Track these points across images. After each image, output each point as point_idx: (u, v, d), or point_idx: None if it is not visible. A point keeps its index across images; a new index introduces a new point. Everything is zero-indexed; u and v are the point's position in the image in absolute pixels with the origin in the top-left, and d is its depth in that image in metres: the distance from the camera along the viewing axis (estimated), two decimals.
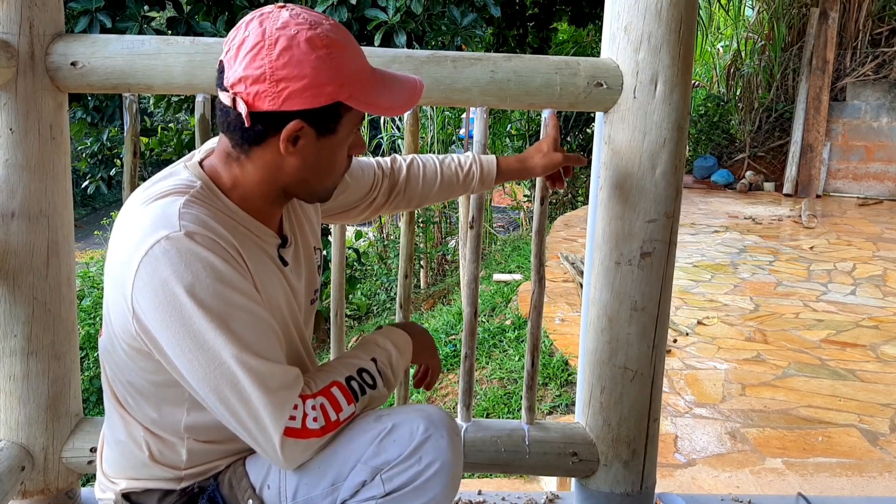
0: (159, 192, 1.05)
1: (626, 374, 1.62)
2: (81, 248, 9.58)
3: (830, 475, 2.46)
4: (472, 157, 1.48)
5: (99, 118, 4.64)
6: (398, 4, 3.54)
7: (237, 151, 1.07)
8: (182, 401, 1.09)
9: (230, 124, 1.05)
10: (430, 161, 1.47)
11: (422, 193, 1.46)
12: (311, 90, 1.00)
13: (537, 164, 1.47)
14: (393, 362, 1.19)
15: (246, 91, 1.00)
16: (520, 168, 1.49)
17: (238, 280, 1.01)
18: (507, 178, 1.51)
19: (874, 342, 3.82)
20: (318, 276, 1.29)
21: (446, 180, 1.46)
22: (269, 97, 1.00)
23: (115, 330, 1.06)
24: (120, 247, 1.03)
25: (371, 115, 1.11)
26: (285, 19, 1.00)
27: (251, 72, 0.99)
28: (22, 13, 1.46)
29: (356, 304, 6.66)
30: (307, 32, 1.00)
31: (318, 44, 1.00)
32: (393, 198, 1.45)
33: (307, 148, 1.05)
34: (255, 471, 1.14)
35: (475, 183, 1.48)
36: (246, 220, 1.09)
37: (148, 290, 0.98)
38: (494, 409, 3.25)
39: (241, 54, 1.00)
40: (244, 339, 0.99)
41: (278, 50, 0.99)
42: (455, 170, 1.47)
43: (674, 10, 1.47)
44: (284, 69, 0.99)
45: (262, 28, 1.00)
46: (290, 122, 1.01)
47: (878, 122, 8.45)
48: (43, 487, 1.61)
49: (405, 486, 1.06)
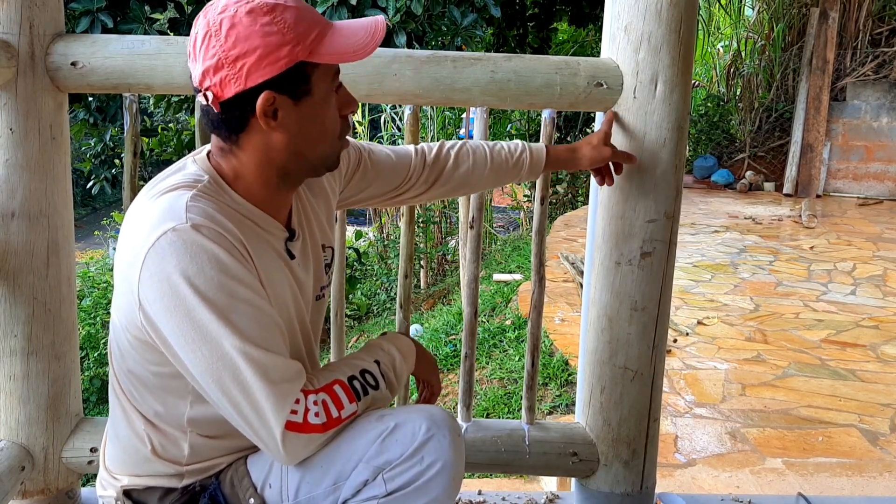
0: (168, 186, 1.06)
1: (627, 374, 1.62)
2: (81, 248, 9.58)
3: (830, 475, 2.46)
4: (522, 145, 1.49)
5: (101, 118, 4.64)
6: (398, 5, 3.54)
7: (228, 144, 1.08)
8: (185, 393, 1.09)
9: (213, 122, 1.07)
10: (481, 147, 1.47)
11: (471, 180, 1.46)
12: (267, 58, 1.01)
13: (585, 156, 1.49)
14: (396, 366, 1.19)
15: (212, 83, 1.02)
16: (568, 157, 1.51)
17: (243, 273, 1.02)
18: (556, 167, 1.52)
19: (874, 342, 3.82)
20: (326, 274, 1.29)
21: (496, 166, 1.46)
22: (233, 80, 1.01)
23: (122, 320, 1.07)
24: (129, 239, 1.04)
25: (342, 63, 1.11)
26: (224, 3, 1.02)
27: (209, 62, 1.01)
28: (22, 13, 1.46)
29: (356, 304, 6.66)
30: (245, 6, 1.01)
31: (258, 12, 1.01)
32: (438, 185, 1.44)
33: (288, 117, 1.05)
34: (257, 470, 1.14)
35: (525, 170, 1.49)
36: (253, 212, 1.10)
37: (154, 281, 0.99)
38: (494, 409, 3.25)
39: (196, 51, 1.03)
40: (247, 330, 1.00)
41: (224, 32, 1.01)
42: (505, 157, 1.47)
43: (674, 10, 1.48)
44: (235, 48, 1.00)
45: (207, 19, 1.02)
46: (260, 97, 1.02)
47: (879, 122, 8.44)
48: (43, 487, 1.61)
49: (407, 485, 1.06)
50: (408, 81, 1.53)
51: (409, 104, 1.61)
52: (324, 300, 1.29)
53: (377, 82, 1.52)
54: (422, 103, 1.58)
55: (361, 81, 1.52)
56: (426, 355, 1.33)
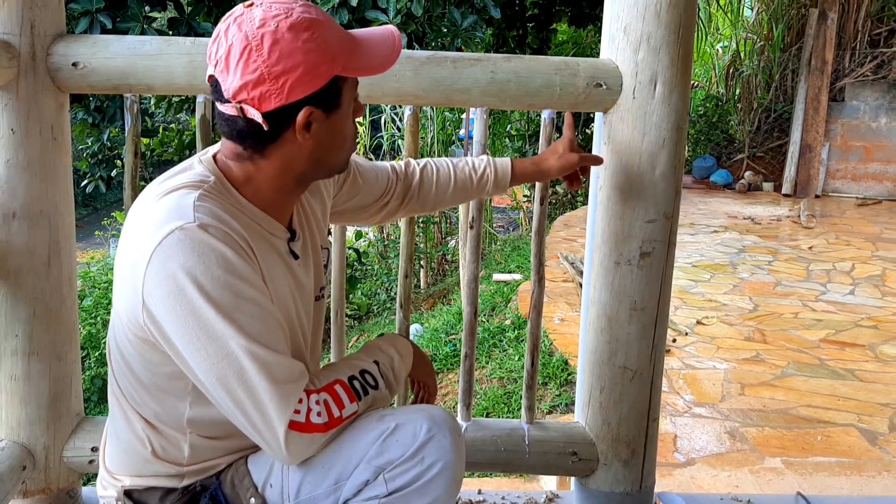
0: (174, 185, 1.07)
1: (626, 374, 1.62)
2: (82, 248, 9.56)
3: (829, 474, 2.46)
4: (487, 161, 1.47)
5: (100, 119, 4.65)
6: (399, 6, 3.55)
7: (250, 152, 1.08)
8: (185, 394, 1.10)
9: (240, 132, 1.06)
10: (444, 165, 1.47)
11: (436, 197, 1.46)
12: (309, 75, 1.02)
13: (553, 166, 1.46)
14: (395, 366, 1.20)
15: (250, 97, 1.02)
16: (535, 170, 1.48)
17: (249, 272, 1.02)
18: (523, 180, 1.50)
19: (873, 342, 3.82)
20: (324, 275, 1.29)
21: (460, 184, 1.46)
22: (275, 95, 1.01)
23: (122, 320, 1.07)
24: (133, 237, 1.04)
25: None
26: (261, 16, 1.02)
27: (249, 77, 1.01)
28: (23, 14, 1.46)
29: (356, 303, 6.66)
30: (286, 21, 1.01)
31: (299, 28, 1.02)
32: (407, 202, 1.45)
33: (320, 129, 1.07)
34: (258, 469, 1.14)
35: (489, 186, 1.47)
36: (257, 215, 1.10)
37: (159, 279, 0.99)
38: (494, 408, 3.26)
39: (232, 63, 1.02)
40: (253, 330, 1.00)
41: (267, 48, 1.00)
42: (469, 173, 1.46)
43: (673, 10, 1.48)
44: (279, 64, 1.00)
45: (243, 32, 1.01)
46: (300, 111, 1.03)
47: (877, 123, 8.45)
48: (44, 487, 1.62)
49: (408, 486, 1.06)
50: (408, 82, 1.53)
51: (409, 105, 1.62)
52: (323, 301, 1.30)
53: (377, 83, 1.52)
54: (422, 104, 1.59)
55: (362, 82, 1.51)
56: (423, 357, 1.34)
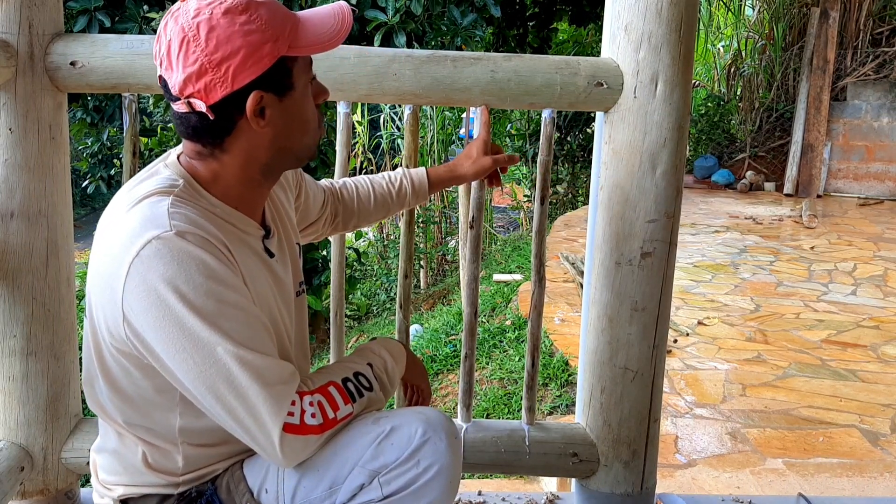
0: (143, 193, 1.04)
1: (627, 375, 1.62)
2: (81, 248, 9.55)
3: (831, 475, 2.46)
4: (402, 172, 1.51)
5: (99, 118, 4.65)
6: (398, 5, 3.54)
7: (210, 149, 1.07)
8: (173, 405, 1.08)
9: (195, 129, 1.05)
10: (363, 182, 1.50)
11: (359, 214, 1.49)
12: (251, 58, 1.00)
13: (467, 172, 1.49)
14: (388, 368, 1.19)
15: (196, 89, 1.00)
16: (451, 177, 1.51)
17: (230, 277, 1.01)
18: (440, 187, 1.54)
19: (875, 342, 3.82)
20: (301, 270, 1.29)
21: (380, 199, 1.49)
22: (220, 84, 1.00)
23: (103, 336, 1.05)
24: (107, 249, 1.01)
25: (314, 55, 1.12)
26: (195, 6, 1.01)
27: (191, 69, 1.00)
28: (21, 13, 1.46)
29: (356, 304, 6.66)
30: (220, 7, 1.00)
31: (234, 12, 1.00)
32: (339, 217, 1.48)
33: (275, 114, 1.05)
34: (253, 474, 1.13)
35: (409, 197, 1.50)
36: (230, 214, 1.09)
37: (139, 292, 0.97)
38: (494, 409, 3.25)
39: (173, 59, 1.01)
40: (238, 335, 0.99)
41: (203, 36, 0.99)
42: (387, 187, 1.49)
43: (674, 9, 1.47)
44: (218, 51, 0.99)
45: (179, 25, 1.00)
46: (248, 97, 1.02)
47: (879, 122, 8.44)
48: (42, 488, 1.61)
49: (403, 489, 1.05)
50: (407, 81, 1.52)
51: (408, 104, 1.61)
52: (303, 297, 1.29)
53: (377, 82, 1.52)
54: (422, 103, 1.58)
55: (361, 81, 1.52)
56: (416, 360, 1.34)
